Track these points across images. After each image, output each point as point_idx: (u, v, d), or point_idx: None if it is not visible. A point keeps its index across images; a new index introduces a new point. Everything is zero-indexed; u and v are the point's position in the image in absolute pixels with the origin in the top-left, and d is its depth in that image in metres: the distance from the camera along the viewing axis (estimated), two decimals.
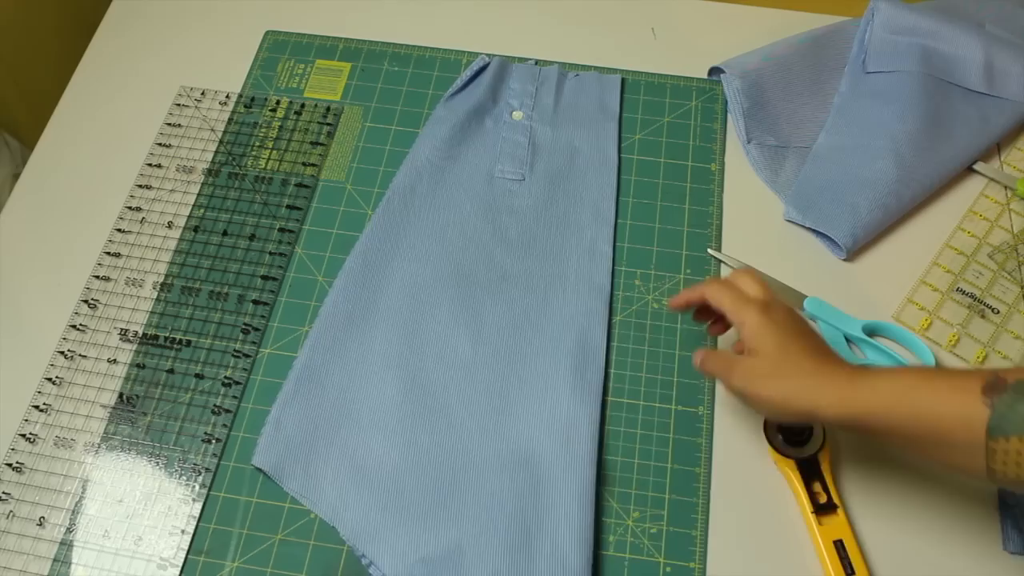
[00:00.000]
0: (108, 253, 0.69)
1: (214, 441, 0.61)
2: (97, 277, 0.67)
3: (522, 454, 0.59)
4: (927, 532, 0.58)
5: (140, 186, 0.71)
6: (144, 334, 0.65)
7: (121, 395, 0.62)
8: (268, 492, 0.59)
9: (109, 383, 0.63)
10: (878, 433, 0.47)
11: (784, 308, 0.53)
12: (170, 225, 0.70)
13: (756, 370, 0.50)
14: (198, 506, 0.58)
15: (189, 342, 0.64)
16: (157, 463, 0.60)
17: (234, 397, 0.62)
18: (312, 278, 0.67)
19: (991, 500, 0.59)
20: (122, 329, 0.65)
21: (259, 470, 0.59)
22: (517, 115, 0.74)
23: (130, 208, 0.70)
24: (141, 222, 0.70)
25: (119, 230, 0.69)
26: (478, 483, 0.59)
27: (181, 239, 0.69)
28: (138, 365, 0.63)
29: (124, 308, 0.66)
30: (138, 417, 0.61)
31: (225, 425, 0.61)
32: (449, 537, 0.57)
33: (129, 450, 0.60)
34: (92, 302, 0.66)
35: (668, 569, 0.57)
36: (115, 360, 0.64)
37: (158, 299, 0.66)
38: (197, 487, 0.59)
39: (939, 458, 0.46)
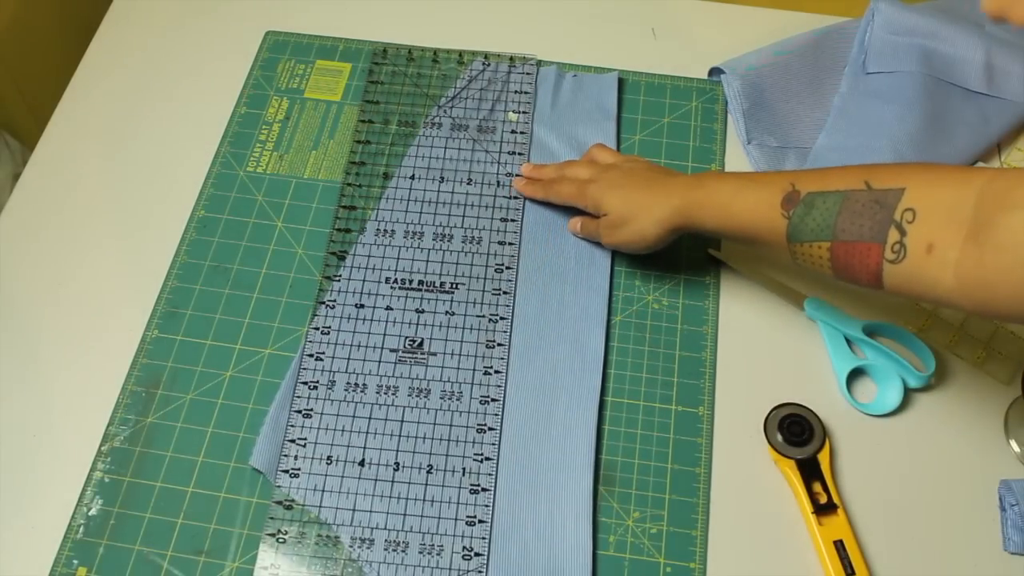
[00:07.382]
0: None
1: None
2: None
3: (520, 455, 0.60)
4: (927, 532, 0.58)
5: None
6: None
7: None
8: (267, 492, 0.59)
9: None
10: (712, 232, 0.59)
11: (618, 165, 0.65)
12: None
13: (611, 223, 0.63)
14: None
15: None
16: None
17: None
18: (312, 278, 0.67)
19: (991, 500, 0.59)
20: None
21: (256, 471, 0.60)
22: (514, 116, 0.74)
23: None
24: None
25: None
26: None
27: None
28: None
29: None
30: None
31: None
32: None
33: None
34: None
35: (668, 569, 0.57)
36: None
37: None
38: None
39: (760, 250, 0.63)
